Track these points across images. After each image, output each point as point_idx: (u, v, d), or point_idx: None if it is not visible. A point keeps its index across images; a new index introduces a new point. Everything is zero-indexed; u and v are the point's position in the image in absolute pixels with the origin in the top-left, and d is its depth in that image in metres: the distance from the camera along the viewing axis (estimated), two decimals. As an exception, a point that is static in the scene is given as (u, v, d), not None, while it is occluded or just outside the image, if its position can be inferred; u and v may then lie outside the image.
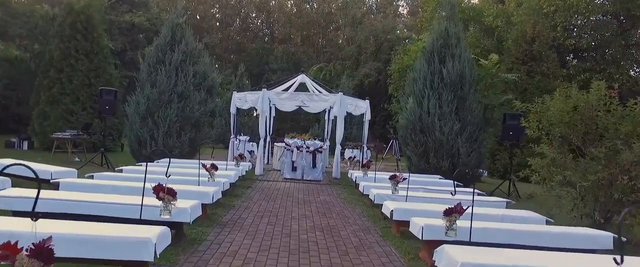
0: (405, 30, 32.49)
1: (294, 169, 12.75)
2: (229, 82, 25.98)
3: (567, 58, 23.60)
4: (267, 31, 45.01)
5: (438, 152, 12.30)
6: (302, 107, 16.85)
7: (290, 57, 36.27)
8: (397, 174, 7.65)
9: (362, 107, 14.66)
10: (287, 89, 15.07)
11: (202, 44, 40.87)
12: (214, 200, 7.07)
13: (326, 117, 17.09)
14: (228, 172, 9.56)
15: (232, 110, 15.00)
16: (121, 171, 9.64)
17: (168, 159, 12.35)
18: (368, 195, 9.00)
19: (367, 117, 15.04)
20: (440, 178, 11.73)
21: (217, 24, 43.90)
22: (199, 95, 13.16)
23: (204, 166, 7.73)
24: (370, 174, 10.05)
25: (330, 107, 16.43)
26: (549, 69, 16.45)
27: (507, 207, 7.95)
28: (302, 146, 12.77)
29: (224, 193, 8.55)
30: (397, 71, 26.19)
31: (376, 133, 30.57)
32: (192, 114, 12.94)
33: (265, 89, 13.31)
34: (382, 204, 7.63)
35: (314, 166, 12.72)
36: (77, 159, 14.00)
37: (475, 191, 6.32)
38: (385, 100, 28.44)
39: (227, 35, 42.71)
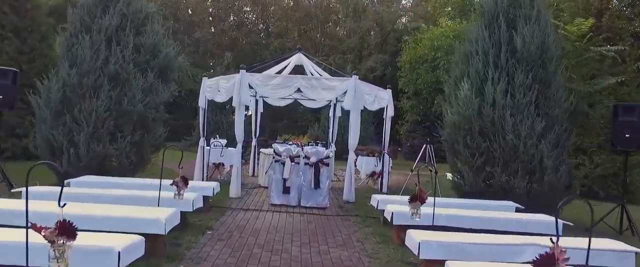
0: (411, 18, 27.51)
1: (286, 190, 7.81)
2: (213, 76, 21.06)
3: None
4: (262, 27, 40.05)
5: (509, 165, 7.41)
6: (299, 100, 11.94)
7: (286, 52, 31.20)
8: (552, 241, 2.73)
9: (383, 98, 9.75)
10: (279, 73, 10.09)
11: (192, 38, 35.52)
12: None
13: (331, 114, 12.14)
14: (155, 213, 4.62)
15: (201, 102, 10.07)
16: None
17: (101, 179, 7.41)
18: (431, 260, 4.16)
19: (390, 112, 10.14)
20: (518, 208, 6.86)
21: (210, 18, 38.90)
22: (145, 80, 8.20)
23: (39, 229, 2.76)
24: (425, 210, 5.10)
25: (337, 100, 11.52)
26: (624, 49, 11.53)
27: None
28: (298, 156, 7.85)
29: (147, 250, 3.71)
30: (409, 63, 21.35)
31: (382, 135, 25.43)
32: (133, 106, 7.98)
33: (244, 71, 8.37)
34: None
35: (317, 185, 7.79)
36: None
37: None
38: (393, 97, 23.50)
39: (221, 30, 37.73)
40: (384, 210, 6.43)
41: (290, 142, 10.44)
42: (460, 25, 20.56)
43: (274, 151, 7.94)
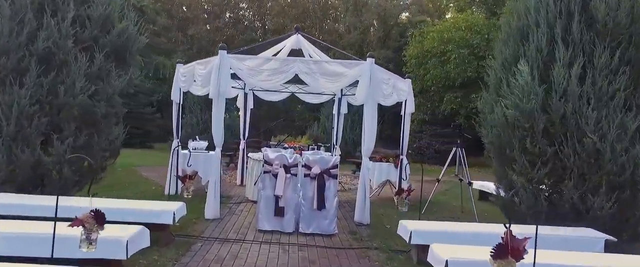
0: (413, 14, 25.25)
1: (278, 211, 5.54)
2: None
3: None
4: (259, 25, 37.83)
5: (587, 178, 5.18)
6: (297, 95, 9.70)
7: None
8: None
9: (402, 90, 7.52)
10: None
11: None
12: None
13: (335, 110, 9.85)
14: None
15: (174, 95, 7.83)
16: None
17: (8, 200, 4.98)
18: None
19: (409, 108, 7.94)
20: (608, 241, 4.65)
21: (205, 15, 36.63)
22: (91, 63, 5.92)
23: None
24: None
25: (342, 94, 9.29)
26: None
27: None
28: (296, 165, 5.59)
29: None
30: (415, 57, 19.13)
31: (383, 135, 23.13)
32: (73, 97, 5.70)
33: (224, 52, 6.12)
34: None
35: (321, 205, 5.53)
36: None
37: None
38: (398, 95, 21.25)
39: (215, 27, 35.49)
40: (420, 246, 4.21)
41: (285, 145, 8.21)
42: (471, 17, 18.44)
43: (265, 157, 5.67)
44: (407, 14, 25.60)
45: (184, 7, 35.43)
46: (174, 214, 4.68)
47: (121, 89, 6.39)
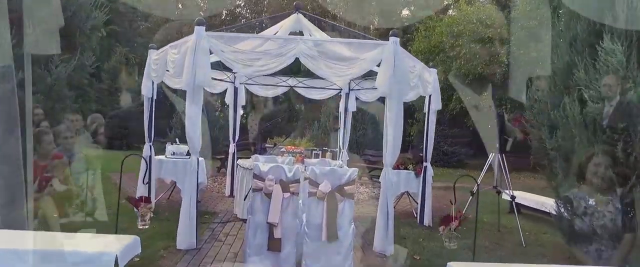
0: (416, 10, 23.72)
1: (273, 244, 3.90)
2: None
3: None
4: (256, 23, 36.29)
5: None
6: (296, 88, 8.09)
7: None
8: None
9: (428, 82, 5.94)
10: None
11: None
12: None
13: (342, 107, 8.17)
14: None
15: (144, 89, 6.19)
16: None
17: None
18: None
19: (435, 105, 6.36)
20: None
21: (202, 13, 35.06)
22: (21, 42, 4.30)
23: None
24: None
25: (350, 88, 7.70)
26: None
27: None
28: (297, 180, 3.96)
29: None
30: (422, 53, 17.52)
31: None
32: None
33: (202, 28, 4.50)
34: None
35: (332, 235, 3.90)
36: None
37: None
38: (402, 93, 19.58)
39: (212, 25, 33.84)
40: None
41: (283, 149, 6.61)
42: (483, 9, 16.87)
43: (253, 171, 4.03)
44: (407, 12, 24.12)
45: (180, 5, 33.93)
46: (117, 258, 3.04)
47: (68, 78, 4.78)
